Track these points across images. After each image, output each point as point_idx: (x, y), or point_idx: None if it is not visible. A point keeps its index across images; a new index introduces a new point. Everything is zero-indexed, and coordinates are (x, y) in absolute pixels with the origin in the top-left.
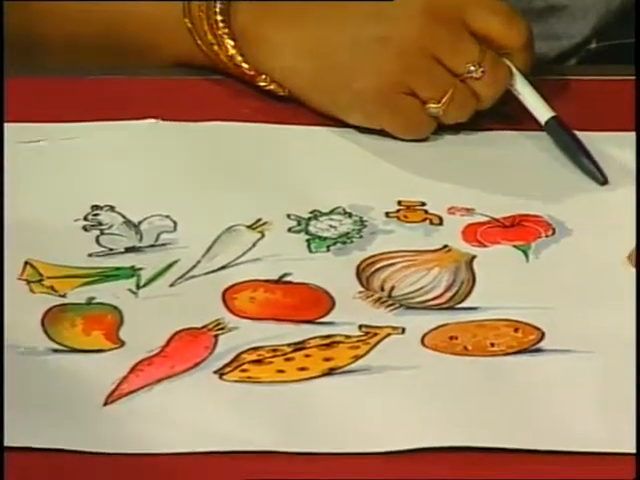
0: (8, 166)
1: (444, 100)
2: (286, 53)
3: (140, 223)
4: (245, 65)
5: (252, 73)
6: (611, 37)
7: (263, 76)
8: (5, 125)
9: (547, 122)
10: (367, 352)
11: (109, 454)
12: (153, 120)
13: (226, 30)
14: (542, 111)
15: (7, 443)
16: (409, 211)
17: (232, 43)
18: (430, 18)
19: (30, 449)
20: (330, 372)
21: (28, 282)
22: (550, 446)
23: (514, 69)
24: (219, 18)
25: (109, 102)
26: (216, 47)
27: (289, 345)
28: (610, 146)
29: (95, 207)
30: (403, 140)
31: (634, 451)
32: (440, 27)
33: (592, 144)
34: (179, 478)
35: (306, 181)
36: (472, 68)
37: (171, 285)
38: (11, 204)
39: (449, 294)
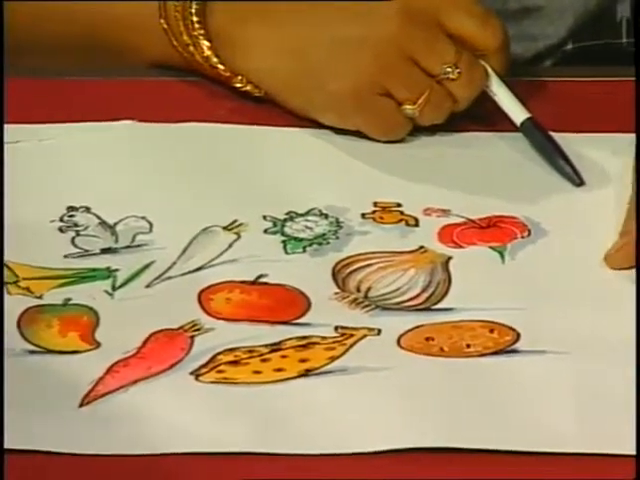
0: None
1: (420, 101)
2: (262, 54)
3: (116, 224)
4: (221, 66)
5: (228, 74)
6: (587, 38)
7: (239, 77)
8: None
9: (522, 123)
10: (343, 353)
11: (85, 455)
12: (129, 121)
13: (202, 31)
14: (517, 112)
15: None
16: (385, 212)
17: (208, 44)
18: (406, 19)
19: (7, 450)
20: (306, 373)
21: (4, 283)
22: (525, 447)
23: (490, 70)
24: (195, 19)
25: (85, 103)
26: (192, 48)
27: (265, 346)
28: (586, 147)
29: (71, 208)
30: (379, 141)
31: (608, 451)
32: (416, 28)
33: (568, 145)
34: (155, 478)
35: (282, 182)
36: (448, 69)
37: (147, 286)
38: None
39: (425, 295)
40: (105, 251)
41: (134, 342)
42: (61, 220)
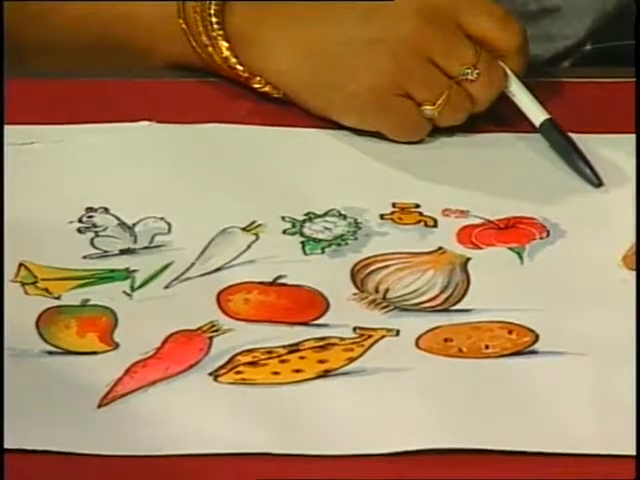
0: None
1: (439, 102)
2: (281, 55)
3: (135, 225)
4: (240, 67)
5: (247, 75)
6: (605, 39)
7: (258, 78)
8: None
9: (542, 124)
10: (361, 354)
11: (103, 456)
12: (147, 122)
13: (221, 32)
14: (537, 113)
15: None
16: (403, 213)
17: (226, 45)
18: (425, 20)
19: (25, 451)
20: (325, 374)
21: (22, 284)
22: (544, 448)
23: (509, 71)
24: (214, 20)
25: (103, 104)
26: (210, 49)
27: (284, 347)
28: (604, 148)
29: (89, 209)
30: (398, 142)
31: (629, 453)
32: (435, 28)
33: (586, 146)
34: (173, 479)
35: (301, 183)
36: (467, 70)
37: (166, 287)
38: (5, 206)
39: (444, 296)
40: (124, 252)
41: (153, 343)
42: (80, 221)
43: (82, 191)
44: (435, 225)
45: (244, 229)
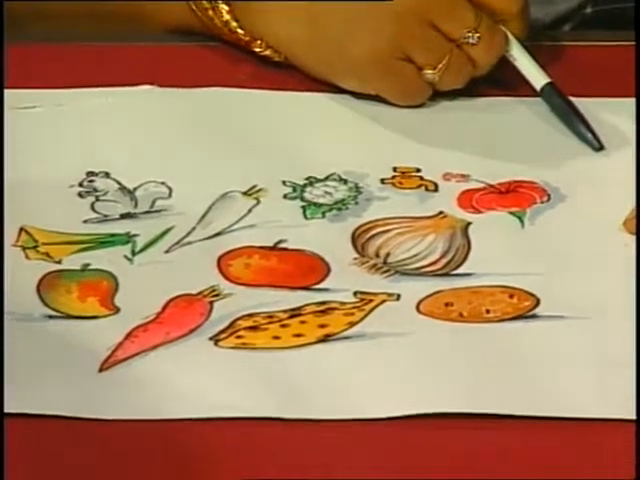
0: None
1: (440, 66)
2: (281, 19)
3: (135, 189)
4: (240, 31)
5: (247, 39)
6: (606, 1)
7: (258, 42)
8: None
9: (542, 88)
10: (362, 319)
11: (104, 420)
12: (149, 86)
13: None
14: (538, 77)
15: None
16: (404, 177)
17: (227, 8)
18: None
19: (26, 415)
20: (325, 338)
21: (23, 248)
22: (546, 412)
23: (510, 35)
24: None
25: (105, 68)
26: (211, 12)
27: (284, 311)
28: (605, 112)
29: (90, 173)
30: (398, 106)
31: (629, 417)
32: None
33: (587, 110)
34: (175, 444)
35: (301, 147)
36: (468, 34)
37: (166, 252)
38: (5, 170)
39: (444, 260)
40: (124, 216)
41: (153, 307)
42: (80, 185)
43: (83, 155)
44: (436, 189)
45: (245, 193)
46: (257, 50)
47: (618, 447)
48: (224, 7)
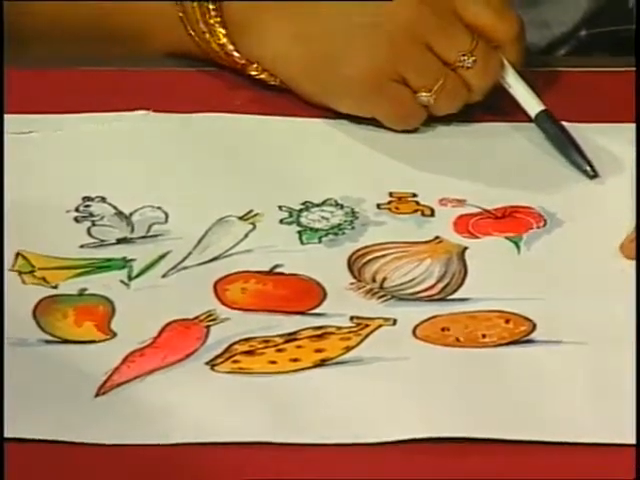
0: None
1: (435, 89)
2: (277, 40)
3: (132, 214)
4: (236, 54)
5: (243, 62)
6: (600, 25)
7: (254, 65)
8: None
9: (537, 115)
10: (358, 343)
11: (101, 445)
12: (145, 111)
13: (218, 18)
14: (532, 104)
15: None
16: (400, 202)
17: (224, 31)
18: (422, 5)
19: (24, 440)
20: (322, 363)
21: (20, 273)
22: (542, 437)
23: (505, 62)
24: (211, 6)
25: (100, 93)
26: (207, 35)
27: (281, 336)
28: (602, 137)
29: (86, 198)
30: (394, 131)
31: (628, 442)
32: (432, 15)
33: (582, 135)
34: (170, 469)
35: (298, 172)
36: (464, 57)
37: (163, 276)
38: (2, 195)
39: (441, 285)
40: (121, 241)
41: (150, 332)
42: (77, 210)
43: (79, 180)
44: (432, 214)
45: (241, 218)
46: (253, 73)
47: (616, 472)
48: (221, 30)
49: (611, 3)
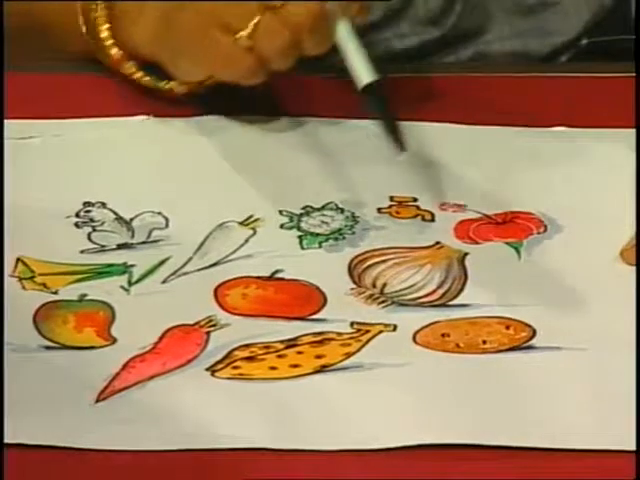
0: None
1: (250, 28)
2: (147, 22)
3: (132, 220)
4: (114, 49)
5: (119, 57)
6: (601, 34)
7: (130, 63)
8: None
9: (365, 87)
10: (359, 349)
11: (101, 450)
12: (144, 117)
13: (104, 12)
14: (363, 74)
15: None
16: (401, 207)
17: (107, 26)
18: None
19: (24, 446)
20: (322, 369)
21: (20, 279)
22: (543, 443)
23: (344, 23)
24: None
25: (101, 99)
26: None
27: (281, 342)
28: (602, 142)
29: (87, 204)
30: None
31: (628, 448)
32: None
33: (583, 140)
34: (170, 475)
35: (298, 177)
36: None
37: (163, 282)
38: (3, 200)
39: (441, 291)
40: (121, 246)
41: (150, 338)
42: (77, 216)
43: (79, 186)
44: (432, 219)
45: (241, 223)
46: (127, 72)
47: (616, 478)
48: (104, 26)
49: (612, 13)
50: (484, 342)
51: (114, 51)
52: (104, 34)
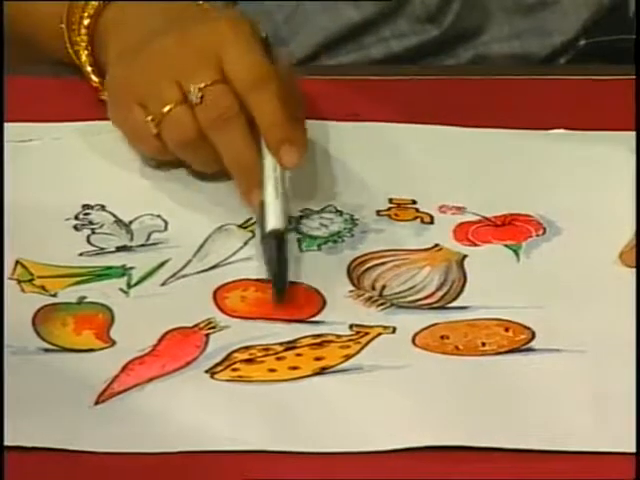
0: None
1: (159, 114)
2: (109, 59)
3: (131, 222)
4: (93, 77)
5: (96, 85)
6: (599, 34)
7: (106, 92)
8: None
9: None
10: (358, 351)
11: (100, 453)
12: None
13: (85, 37)
14: (274, 219)
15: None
16: (400, 209)
17: (87, 52)
18: (186, 38)
19: (23, 448)
20: (321, 371)
21: (19, 281)
22: (541, 445)
23: (270, 169)
24: (85, 22)
25: (101, 102)
26: (71, 52)
27: (280, 344)
28: (602, 145)
29: (86, 206)
30: (397, 140)
31: (626, 450)
32: (187, 47)
33: (583, 143)
34: (170, 477)
35: (297, 179)
36: (194, 90)
37: (162, 284)
38: (2, 203)
39: (440, 293)
40: (120, 249)
41: (149, 340)
42: (76, 218)
43: (79, 188)
44: (431, 222)
45: (240, 226)
46: (103, 99)
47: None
48: (85, 50)
49: (611, 12)
50: (483, 344)
51: (93, 79)
52: (83, 59)
